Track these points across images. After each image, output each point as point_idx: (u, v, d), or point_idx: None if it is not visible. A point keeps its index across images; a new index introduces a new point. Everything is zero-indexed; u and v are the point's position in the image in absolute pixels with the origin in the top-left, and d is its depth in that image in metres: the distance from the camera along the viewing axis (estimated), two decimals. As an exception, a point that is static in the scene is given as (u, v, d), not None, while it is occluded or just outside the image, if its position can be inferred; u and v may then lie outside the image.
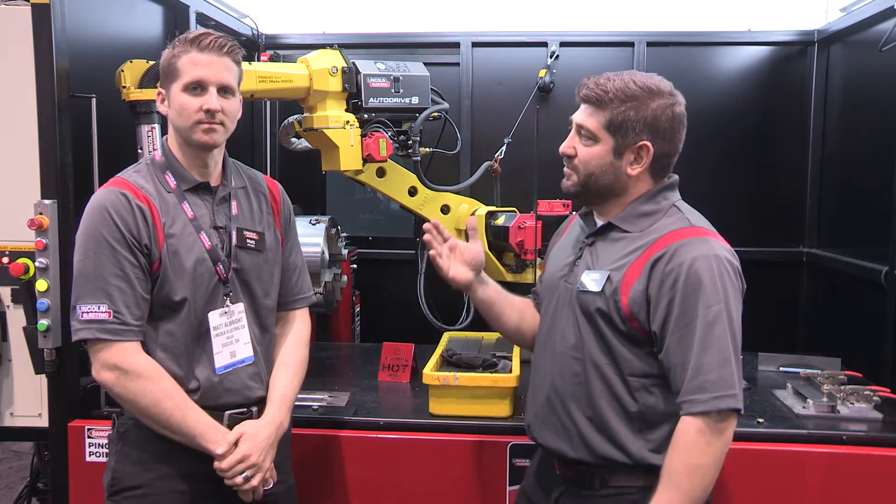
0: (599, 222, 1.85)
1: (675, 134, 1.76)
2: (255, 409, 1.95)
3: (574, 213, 2.06)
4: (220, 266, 1.90)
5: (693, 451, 1.61)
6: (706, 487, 1.62)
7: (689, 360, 1.62)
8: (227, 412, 1.90)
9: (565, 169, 1.83)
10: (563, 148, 1.82)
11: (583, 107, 1.79)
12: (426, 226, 2.06)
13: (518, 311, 2.07)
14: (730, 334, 1.63)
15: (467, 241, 2.06)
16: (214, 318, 1.89)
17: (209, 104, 1.83)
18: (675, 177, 1.84)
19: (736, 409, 1.61)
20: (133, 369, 1.79)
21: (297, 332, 2.11)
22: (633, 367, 1.72)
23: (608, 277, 1.73)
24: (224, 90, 1.86)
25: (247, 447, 1.84)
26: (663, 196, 1.79)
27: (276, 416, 1.94)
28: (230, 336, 1.92)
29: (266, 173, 3.75)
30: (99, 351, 1.80)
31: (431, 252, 2.04)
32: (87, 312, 1.78)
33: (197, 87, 1.84)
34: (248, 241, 1.96)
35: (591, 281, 1.75)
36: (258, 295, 1.99)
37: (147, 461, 1.86)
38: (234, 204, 1.96)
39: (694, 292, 1.63)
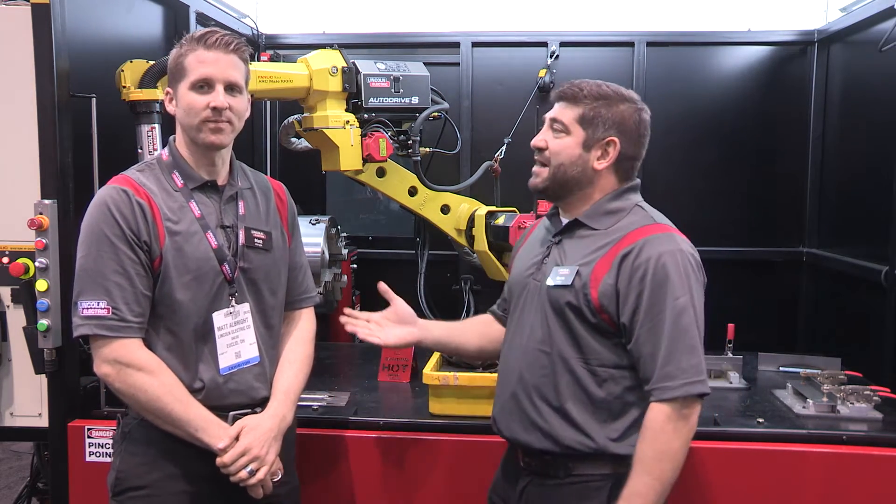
0: (565, 221, 1.91)
1: (641, 138, 1.87)
2: (259, 409, 1.94)
3: (538, 218, 2.15)
4: (226, 266, 1.89)
5: (662, 436, 1.69)
6: (675, 470, 1.70)
7: (659, 350, 1.70)
8: (232, 413, 1.89)
9: (535, 167, 1.91)
10: (535, 141, 1.90)
11: (557, 104, 1.89)
12: (343, 319, 2.12)
13: (477, 334, 2.14)
14: (695, 325, 1.72)
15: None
16: (219, 318, 1.89)
17: (216, 101, 1.83)
18: (638, 181, 1.92)
19: (705, 394, 1.71)
20: (133, 363, 1.79)
21: (303, 329, 2.12)
22: (602, 357, 1.79)
23: (577, 272, 1.80)
24: (231, 88, 1.86)
25: (248, 440, 1.83)
26: (627, 196, 1.88)
27: (278, 409, 1.93)
28: (235, 336, 1.92)
29: (266, 173, 3.77)
30: (99, 347, 1.80)
31: (361, 334, 2.09)
32: (87, 308, 1.78)
33: (204, 86, 1.83)
34: (256, 240, 1.96)
35: (561, 276, 1.82)
36: (265, 294, 1.98)
37: (152, 461, 1.86)
38: (241, 204, 1.96)
39: (662, 285, 1.71)
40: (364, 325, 2.10)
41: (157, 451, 1.86)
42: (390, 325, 2.10)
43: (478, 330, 2.15)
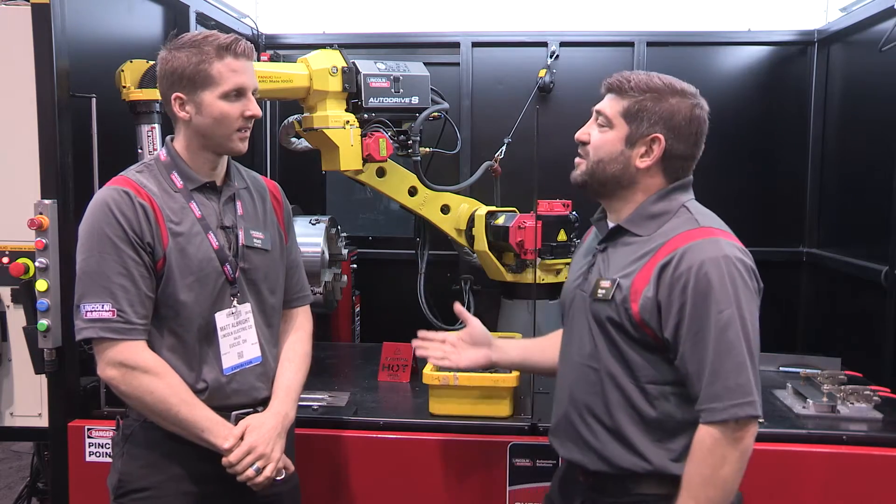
0: (611, 225, 1.80)
1: (693, 136, 1.73)
2: (260, 408, 1.95)
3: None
4: (228, 266, 1.89)
5: (710, 460, 1.58)
6: (726, 497, 1.59)
7: (705, 368, 1.58)
8: (234, 412, 1.89)
9: (576, 159, 1.81)
10: (579, 133, 1.80)
11: (606, 96, 1.78)
12: (415, 343, 2.11)
13: (554, 350, 1.97)
14: (743, 338, 1.58)
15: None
16: (221, 318, 1.89)
17: (254, 110, 1.87)
18: (689, 177, 1.80)
19: (754, 417, 1.57)
20: (139, 365, 1.78)
21: (300, 327, 2.12)
22: (650, 374, 1.68)
23: (618, 285, 1.68)
24: (254, 93, 1.90)
25: (253, 438, 1.83)
26: (673, 197, 1.75)
27: (280, 407, 1.94)
28: (237, 336, 1.92)
29: (266, 173, 3.78)
30: (104, 350, 1.79)
31: (433, 358, 2.07)
32: (91, 311, 1.77)
33: (236, 94, 1.85)
34: (255, 240, 1.96)
35: (602, 289, 1.71)
36: (265, 294, 1.99)
37: (155, 463, 1.86)
38: (238, 204, 1.97)
39: (704, 297, 1.58)
40: (437, 348, 2.06)
41: (160, 453, 1.86)
42: (465, 346, 2.04)
43: (556, 346, 1.97)
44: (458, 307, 2.16)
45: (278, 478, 1.88)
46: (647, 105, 1.70)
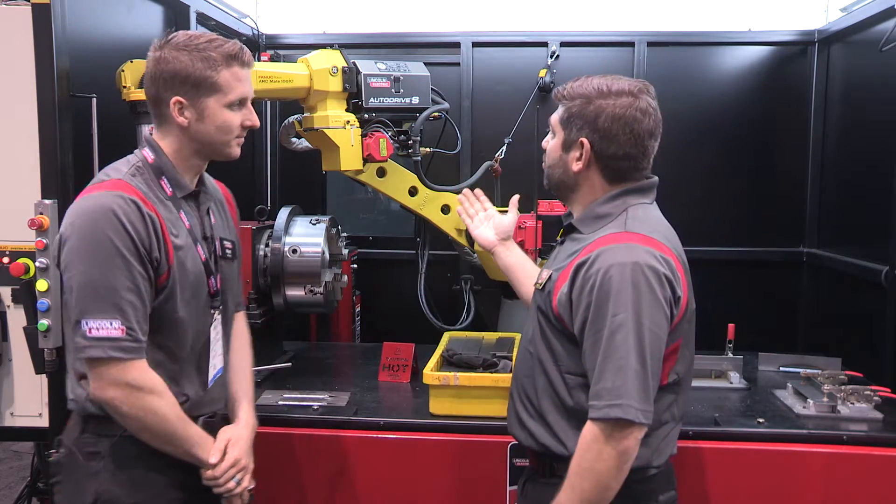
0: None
1: (625, 135, 1.76)
2: (220, 413, 1.95)
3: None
4: (212, 279, 1.88)
5: (587, 454, 1.66)
6: (599, 492, 1.65)
7: (595, 367, 1.66)
8: (201, 418, 1.87)
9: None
10: (542, 142, 1.95)
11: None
12: (459, 197, 2.49)
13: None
14: (634, 343, 1.62)
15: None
16: (211, 332, 1.89)
17: (253, 121, 1.87)
18: (653, 179, 1.86)
19: (625, 420, 1.61)
20: (145, 386, 1.72)
21: (243, 333, 2.12)
22: (569, 365, 1.77)
23: (550, 277, 1.82)
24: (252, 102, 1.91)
25: (236, 452, 1.85)
26: (622, 199, 1.81)
27: (249, 419, 1.97)
28: (214, 349, 1.92)
29: (266, 173, 3.78)
30: (108, 369, 1.69)
31: (464, 207, 2.40)
32: (98, 329, 1.66)
33: (239, 103, 1.84)
34: (227, 250, 1.95)
35: (541, 279, 1.85)
36: (229, 304, 1.99)
37: (136, 480, 1.79)
38: (211, 213, 1.95)
39: (605, 300, 1.65)
40: (474, 203, 2.41)
41: (144, 468, 1.79)
42: (488, 224, 2.34)
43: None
44: (515, 198, 2.45)
45: (251, 488, 1.90)
46: (575, 111, 1.80)
